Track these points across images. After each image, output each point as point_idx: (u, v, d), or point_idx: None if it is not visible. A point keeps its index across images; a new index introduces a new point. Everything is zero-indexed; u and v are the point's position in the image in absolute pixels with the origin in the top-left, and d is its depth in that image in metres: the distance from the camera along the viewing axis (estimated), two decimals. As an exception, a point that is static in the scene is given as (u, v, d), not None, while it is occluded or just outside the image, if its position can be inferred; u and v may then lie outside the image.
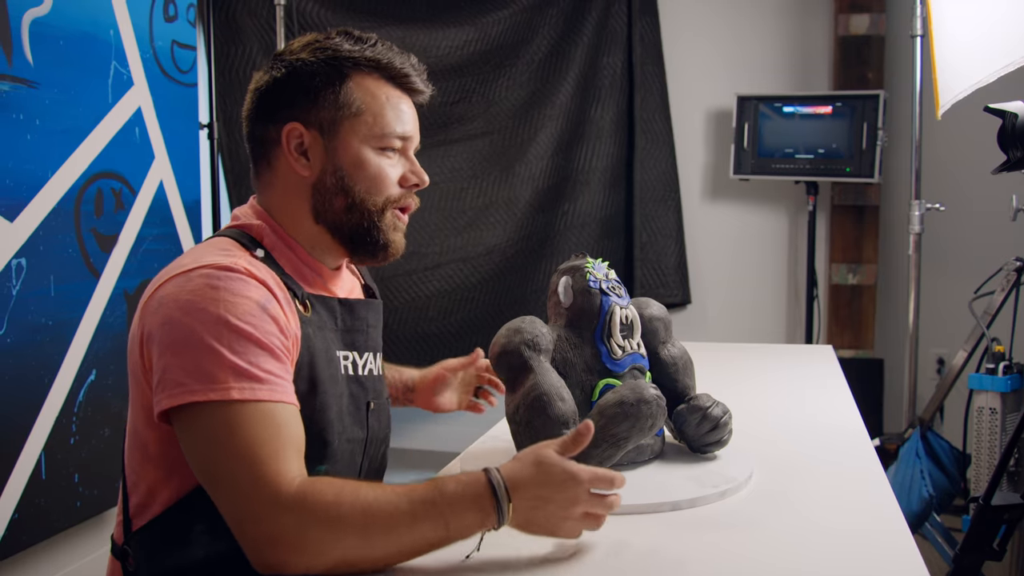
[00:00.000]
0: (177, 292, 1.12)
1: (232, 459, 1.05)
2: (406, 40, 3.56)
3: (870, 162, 3.57)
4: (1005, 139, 1.61)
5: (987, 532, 1.84)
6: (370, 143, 1.26)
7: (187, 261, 1.17)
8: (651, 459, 1.45)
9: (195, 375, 1.07)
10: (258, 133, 1.28)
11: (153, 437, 1.18)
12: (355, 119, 1.25)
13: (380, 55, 1.28)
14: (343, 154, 1.25)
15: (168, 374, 1.08)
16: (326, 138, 1.25)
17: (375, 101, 1.26)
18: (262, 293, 1.14)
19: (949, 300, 3.50)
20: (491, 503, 1.06)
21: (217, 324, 1.09)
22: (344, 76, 1.25)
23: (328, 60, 1.25)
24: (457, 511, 1.05)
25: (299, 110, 1.25)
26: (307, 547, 1.03)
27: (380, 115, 1.26)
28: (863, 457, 1.53)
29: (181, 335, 1.09)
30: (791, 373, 2.29)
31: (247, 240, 1.24)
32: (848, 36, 3.86)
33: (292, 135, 1.25)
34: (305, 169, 1.25)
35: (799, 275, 4.02)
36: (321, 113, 1.25)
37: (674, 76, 4.08)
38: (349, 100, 1.25)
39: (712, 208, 4.15)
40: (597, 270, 1.42)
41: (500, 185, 3.78)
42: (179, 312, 1.10)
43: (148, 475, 1.20)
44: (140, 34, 2.59)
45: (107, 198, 2.46)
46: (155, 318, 1.12)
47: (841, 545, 1.15)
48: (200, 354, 1.08)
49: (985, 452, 2.55)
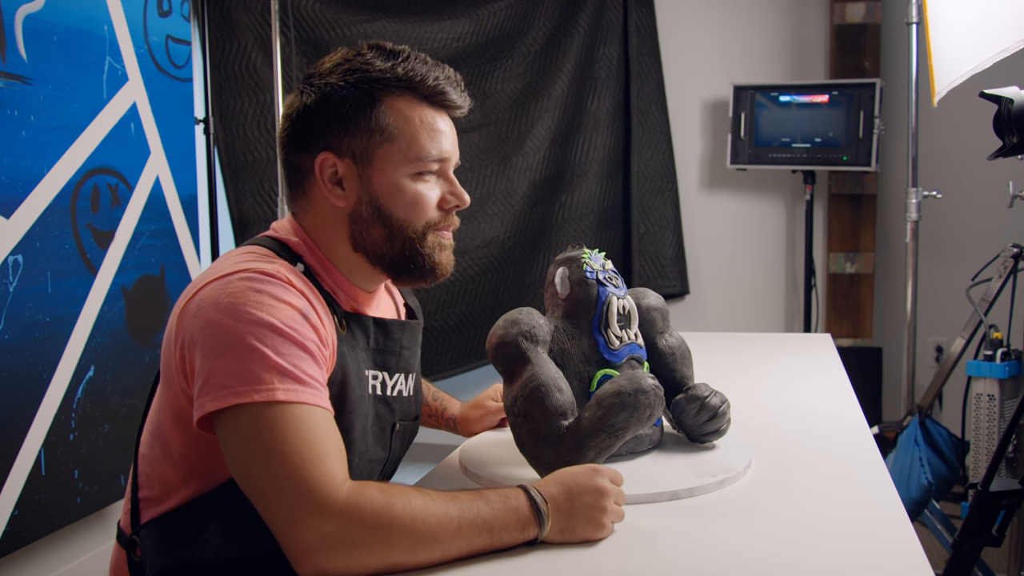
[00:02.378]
0: (217, 295, 1.11)
1: (278, 462, 1.04)
2: (401, 33, 3.55)
3: (867, 150, 3.56)
4: (1001, 125, 1.60)
5: (985, 518, 1.84)
6: (406, 169, 1.22)
7: (226, 266, 1.16)
8: (650, 449, 1.45)
9: (239, 377, 1.06)
10: (292, 160, 1.26)
11: (179, 438, 1.18)
12: (389, 145, 1.22)
13: (412, 72, 1.22)
14: (378, 182, 1.22)
15: (212, 378, 1.07)
16: (360, 166, 1.22)
17: (408, 124, 1.22)
18: (303, 302, 1.14)
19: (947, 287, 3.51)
20: (531, 511, 1.09)
21: (260, 326, 1.08)
22: (375, 100, 1.21)
23: (358, 83, 1.21)
24: (500, 521, 1.07)
25: (331, 138, 1.22)
26: (355, 554, 1.02)
27: (415, 139, 1.22)
28: (862, 445, 1.53)
29: (224, 338, 1.08)
30: (789, 362, 2.29)
31: (286, 253, 1.23)
32: (844, 24, 3.85)
33: (326, 165, 1.22)
34: (340, 200, 1.23)
35: (797, 264, 4.03)
36: (354, 141, 1.21)
37: (670, 66, 4.08)
38: (382, 126, 1.21)
39: (709, 198, 4.15)
40: (594, 260, 1.42)
41: (497, 177, 3.78)
42: (221, 314, 1.09)
43: (166, 472, 1.20)
44: (134, 29, 2.58)
45: (103, 194, 2.46)
46: (195, 321, 1.11)
47: (840, 533, 1.15)
48: (244, 355, 1.07)
49: (984, 439, 2.55)
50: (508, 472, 1.35)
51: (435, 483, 1.37)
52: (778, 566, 1.05)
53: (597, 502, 1.12)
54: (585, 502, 1.12)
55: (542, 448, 1.28)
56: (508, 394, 1.33)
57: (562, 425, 1.27)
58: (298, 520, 1.02)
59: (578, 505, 1.11)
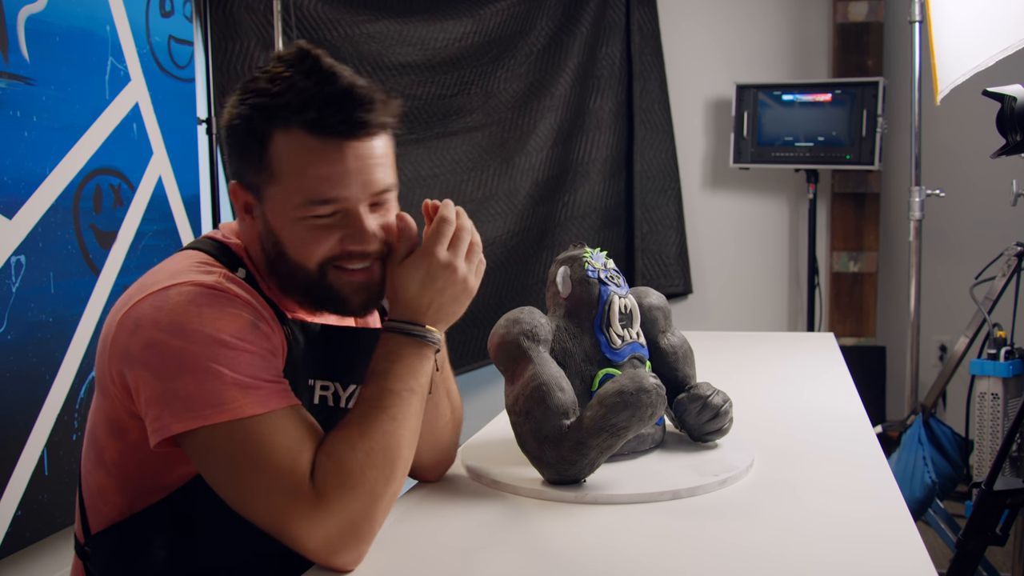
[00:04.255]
0: (156, 313, 1.06)
1: (261, 474, 1.03)
2: (403, 33, 3.55)
3: (870, 149, 3.56)
4: (1004, 123, 1.60)
5: (989, 517, 1.83)
6: (293, 213, 1.11)
7: (161, 277, 1.11)
8: (652, 448, 1.45)
9: (201, 399, 1.03)
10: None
11: (113, 447, 1.16)
12: (275, 187, 1.11)
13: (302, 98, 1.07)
14: (272, 219, 1.13)
15: (170, 400, 1.04)
16: (258, 200, 1.14)
17: (296, 165, 1.09)
18: (250, 311, 1.10)
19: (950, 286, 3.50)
20: (408, 340, 1.14)
21: (210, 343, 1.05)
22: (264, 135, 1.09)
23: (252, 110, 1.10)
24: (408, 373, 1.12)
25: (235, 167, 1.15)
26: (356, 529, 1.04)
27: (302, 181, 1.09)
28: (864, 444, 1.52)
29: (172, 359, 1.04)
30: (792, 361, 2.29)
31: (225, 257, 1.18)
32: (847, 23, 3.85)
33: (238, 193, 1.16)
34: (251, 228, 1.17)
35: (800, 263, 4.02)
36: (249, 174, 1.13)
37: (673, 65, 4.07)
38: (267, 163, 1.10)
39: (712, 197, 4.14)
40: (595, 260, 1.42)
41: (500, 177, 3.78)
42: (164, 334, 1.05)
43: (99, 480, 1.18)
44: (137, 30, 2.58)
45: (106, 194, 2.46)
46: (135, 340, 1.07)
47: (842, 532, 1.15)
48: (200, 377, 1.04)
49: (987, 438, 2.55)
50: (512, 472, 1.34)
51: (438, 485, 1.37)
52: (780, 565, 1.05)
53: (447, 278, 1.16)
54: (435, 288, 1.15)
55: (544, 447, 1.27)
56: (510, 393, 1.33)
57: (564, 424, 1.27)
58: (302, 533, 1.03)
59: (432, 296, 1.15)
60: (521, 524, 1.19)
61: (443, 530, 1.18)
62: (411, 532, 1.17)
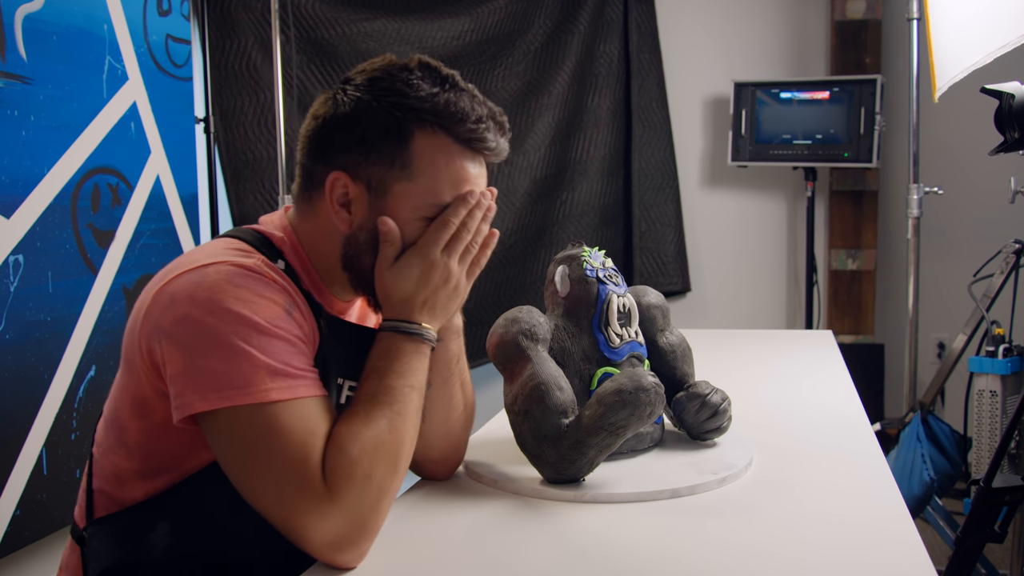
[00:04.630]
0: (192, 288, 1.06)
1: (275, 462, 1.03)
2: (401, 31, 3.55)
3: (868, 147, 3.56)
4: (1002, 120, 1.60)
5: (988, 514, 1.84)
6: (420, 212, 1.15)
7: (199, 256, 1.11)
8: (651, 447, 1.45)
9: (228, 378, 1.03)
10: (307, 164, 1.20)
11: (137, 427, 1.14)
12: (408, 184, 1.14)
13: (454, 109, 1.14)
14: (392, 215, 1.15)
15: (197, 377, 1.04)
16: (372, 195, 1.15)
17: (433, 167, 1.14)
18: (285, 297, 1.10)
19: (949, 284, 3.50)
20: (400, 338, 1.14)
21: (244, 324, 1.04)
22: (404, 133, 1.13)
23: (392, 108, 1.13)
24: (405, 371, 1.12)
25: (350, 159, 1.14)
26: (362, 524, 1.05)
27: (436, 184, 1.15)
28: (863, 442, 1.53)
29: (205, 335, 1.04)
30: (790, 359, 2.29)
31: (266, 248, 1.18)
32: (845, 20, 3.85)
33: (337, 185, 1.15)
34: (344, 223, 1.16)
35: (798, 261, 4.02)
36: (372, 169, 1.14)
37: (671, 63, 4.07)
38: (405, 161, 1.13)
39: (710, 195, 4.14)
40: (594, 259, 1.42)
41: (497, 175, 3.77)
42: (199, 310, 1.05)
43: (119, 462, 1.17)
44: (134, 29, 2.58)
45: (104, 193, 2.45)
46: (168, 314, 1.07)
47: (841, 530, 1.15)
48: (230, 356, 1.03)
49: (986, 435, 2.55)
50: (511, 471, 1.34)
51: (437, 484, 1.37)
52: (779, 563, 1.05)
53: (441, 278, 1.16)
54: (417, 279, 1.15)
55: (543, 446, 1.27)
56: (508, 392, 1.33)
57: (563, 423, 1.27)
58: (309, 528, 1.02)
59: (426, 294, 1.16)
60: (520, 523, 1.19)
61: (442, 529, 1.18)
62: (410, 531, 1.17)
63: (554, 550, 1.10)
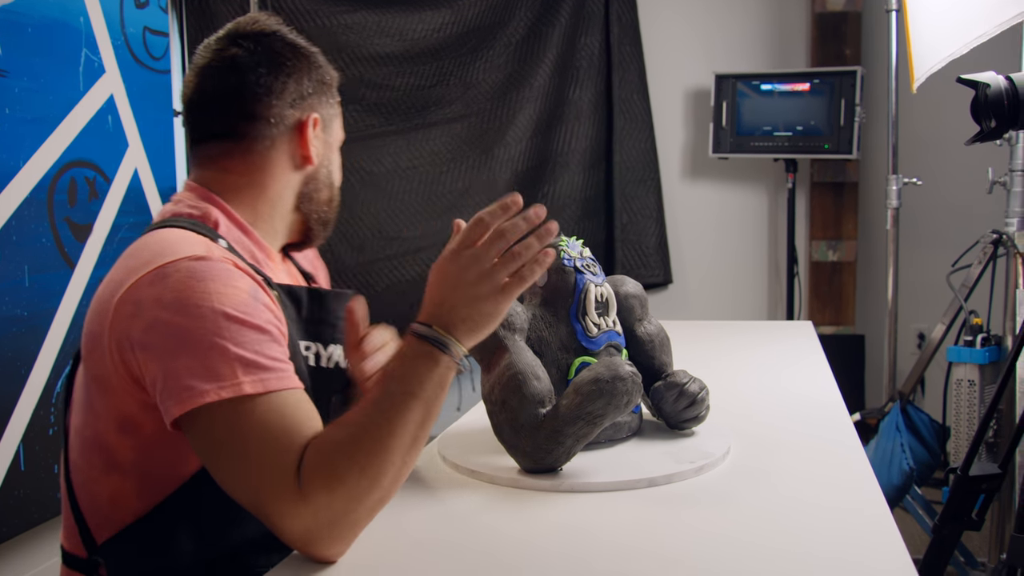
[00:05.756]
0: (158, 292, 1.05)
1: (248, 460, 1.02)
2: (382, 23, 3.53)
3: (848, 138, 3.57)
4: (978, 110, 1.60)
5: (965, 502, 1.85)
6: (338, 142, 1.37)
7: (151, 257, 1.09)
8: (628, 436, 1.45)
9: (201, 375, 1.02)
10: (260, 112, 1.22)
11: (128, 446, 1.13)
12: (338, 119, 1.35)
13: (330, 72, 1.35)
14: (333, 149, 1.34)
15: (172, 381, 1.03)
16: (325, 132, 1.32)
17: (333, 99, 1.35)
18: (248, 282, 1.10)
19: (928, 274, 3.52)
20: (428, 345, 1.04)
21: (214, 317, 1.04)
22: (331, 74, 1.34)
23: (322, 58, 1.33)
24: (416, 382, 1.03)
25: (317, 100, 1.30)
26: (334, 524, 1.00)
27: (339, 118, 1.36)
28: (841, 432, 1.53)
29: (177, 337, 1.03)
30: (770, 349, 2.29)
31: (206, 232, 1.17)
32: (825, 12, 3.85)
33: (308, 129, 1.28)
34: (316, 158, 1.30)
35: (779, 253, 4.03)
36: (325, 107, 1.31)
37: (652, 56, 4.07)
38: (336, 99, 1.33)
39: (692, 187, 4.15)
40: (571, 248, 1.42)
41: (479, 168, 3.77)
42: (167, 313, 1.04)
43: (115, 486, 1.15)
44: (111, 21, 2.56)
45: (81, 187, 2.44)
46: (137, 322, 1.06)
47: (818, 520, 1.15)
48: (201, 352, 1.02)
49: (964, 424, 2.57)
50: (488, 461, 1.34)
51: (415, 475, 1.37)
52: (756, 553, 1.05)
53: (461, 274, 1.05)
54: (453, 286, 1.05)
55: (520, 436, 1.27)
56: (485, 382, 1.33)
57: (540, 413, 1.27)
58: (284, 519, 1.00)
59: (449, 296, 1.05)
60: (498, 513, 1.19)
61: (419, 520, 1.18)
62: (387, 522, 1.16)
63: (531, 540, 1.10)
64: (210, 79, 1.23)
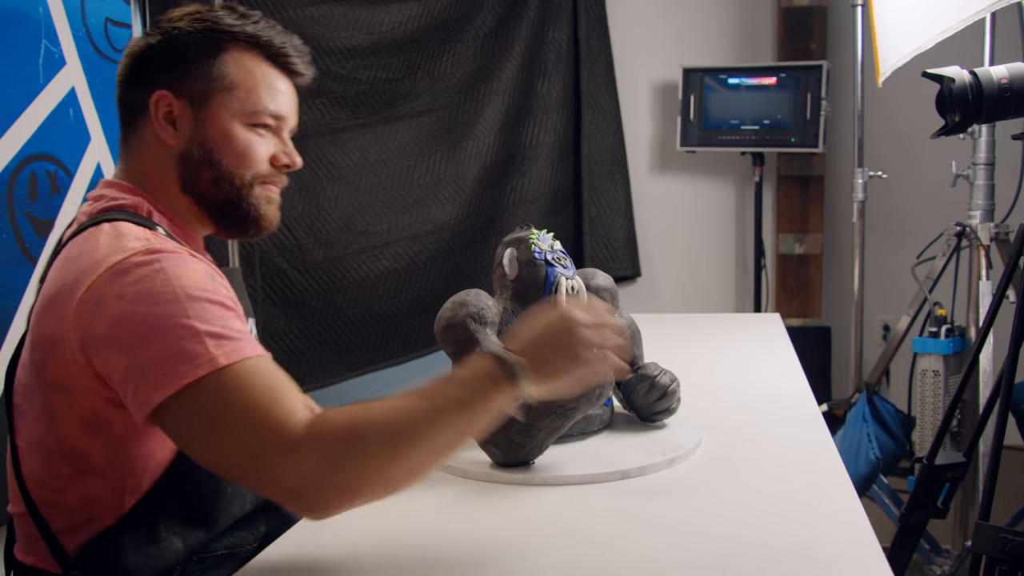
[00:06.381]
0: (119, 288, 1.05)
1: (234, 426, 1.00)
2: (348, 16, 3.50)
3: (814, 132, 3.60)
4: (943, 104, 1.62)
5: (931, 490, 1.87)
6: (240, 119, 1.24)
7: (102, 255, 1.09)
8: (600, 429, 1.45)
9: (176, 358, 1.01)
10: (128, 99, 1.25)
11: (99, 446, 1.11)
12: (227, 93, 1.23)
13: (260, 32, 1.26)
14: (212, 127, 1.23)
15: (144, 370, 1.02)
16: (196, 109, 1.23)
17: (250, 77, 1.24)
18: (202, 264, 1.11)
19: (893, 266, 3.56)
20: (500, 369, 1.03)
21: (178, 301, 1.04)
22: (220, 49, 1.23)
23: (206, 31, 1.23)
24: (472, 392, 1.02)
25: (171, 78, 1.22)
26: (339, 482, 0.98)
27: (253, 91, 1.24)
28: (810, 422, 1.54)
29: (144, 326, 1.03)
30: (738, 342, 2.31)
31: (141, 220, 1.18)
32: (791, 7, 3.88)
33: (161, 103, 1.22)
34: (172, 139, 1.22)
35: (747, 246, 4.06)
36: (193, 84, 1.22)
37: (620, 49, 4.08)
38: (223, 73, 1.23)
39: (660, 181, 4.16)
40: (542, 241, 1.41)
41: (447, 162, 3.75)
42: (131, 304, 1.04)
43: (86, 488, 1.13)
44: (71, 12, 2.51)
45: (42, 181, 2.40)
46: (99, 319, 1.05)
47: (790, 509, 1.16)
48: (173, 337, 1.02)
49: (929, 414, 2.60)
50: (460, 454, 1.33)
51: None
52: (731, 543, 1.06)
53: (568, 333, 1.06)
54: (555, 338, 1.06)
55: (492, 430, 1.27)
56: (457, 377, 1.32)
57: (512, 407, 1.26)
58: (270, 472, 0.98)
59: (547, 343, 1.06)
60: (470, 507, 1.19)
61: (390, 515, 1.17)
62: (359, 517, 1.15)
63: (504, 533, 1.10)
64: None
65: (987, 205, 2.49)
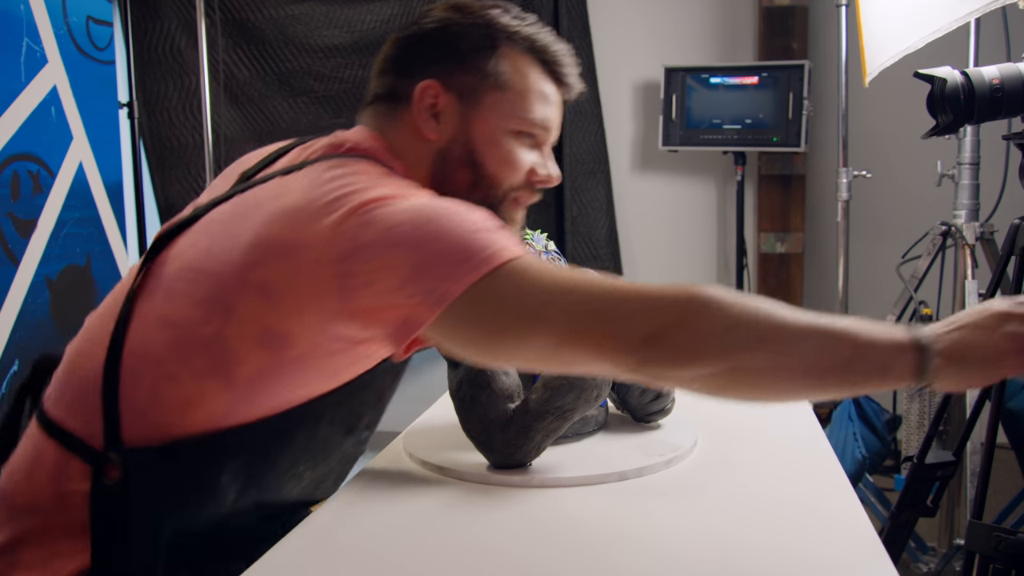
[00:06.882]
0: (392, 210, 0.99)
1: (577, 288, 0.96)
2: (329, 15, 3.49)
3: (796, 132, 3.61)
4: (935, 104, 1.62)
5: (921, 489, 1.88)
6: (509, 123, 1.18)
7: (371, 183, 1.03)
8: (595, 430, 1.44)
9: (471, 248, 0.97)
10: (389, 83, 1.19)
11: (259, 358, 1.02)
12: (499, 93, 1.17)
13: (538, 36, 1.19)
14: (478, 127, 1.17)
15: (433, 264, 0.96)
16: (464, 106, 1.17)
17: (523, 81, 1.18)
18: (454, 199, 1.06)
19: (877, 266, 3.58)
20: (910, 339, 0.95)
21: (457, 208, 1.01)
22: (497, 46, 1.17)
23: (482, 25, 1.17)
24: (868, 337, 0.95)
25: (441, 69, 1.17)
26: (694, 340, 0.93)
27: (525, 96, 1.18)
28: (803, 420, 1.55)
29: (427, 226, 0.98)
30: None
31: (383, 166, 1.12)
32: (773, 7, 3.89)
33: (427, 94, 1.16)
34: (433, 133, 1.17)
35: (728, 245, 4.07)
36: (465, 78, 1.17)
37: (601, 48, 4.08)
38: (497, 72, 1.17)
39: (641, 180, 4.17)
40: (536, 242, 1.41)
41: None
42: (410, 214, 0.98)
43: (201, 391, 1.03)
44: (53, 10, 2.49)
45: (24, 181, 2.36)
46: (371, 230, 0.98)
47: (787, 507, 1.16)
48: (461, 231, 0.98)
49: (915, 413, 2.61)
50: (456, 457, 1.33)
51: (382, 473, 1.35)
52: (731, 543, 1.05)
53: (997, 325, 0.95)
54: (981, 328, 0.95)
55: (490, 432, 1.26)
56: (453, 378, 1.31)
57: (509, 408, 1.26)
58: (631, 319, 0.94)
59: (971, 332, 0.95)
60: (467, 510, 1.18)
61: (388, 518, 1.16)
62: (355, 521, 1.15)
63: (502, 536, 1.09)
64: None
65: (972, 205, 2.51)
